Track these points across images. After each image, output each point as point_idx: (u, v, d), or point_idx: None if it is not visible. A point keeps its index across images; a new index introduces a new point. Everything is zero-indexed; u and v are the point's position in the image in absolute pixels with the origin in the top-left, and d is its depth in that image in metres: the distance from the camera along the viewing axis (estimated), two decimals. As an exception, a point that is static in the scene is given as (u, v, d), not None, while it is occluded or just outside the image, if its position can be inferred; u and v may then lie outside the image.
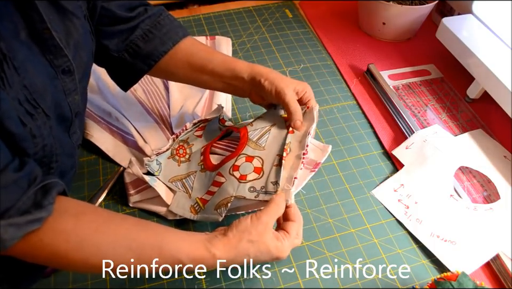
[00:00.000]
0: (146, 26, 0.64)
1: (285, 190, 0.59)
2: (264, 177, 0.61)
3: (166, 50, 0.64)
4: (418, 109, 0.83)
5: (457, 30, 0.82)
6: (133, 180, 0.66)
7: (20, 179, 0.41)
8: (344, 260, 0.62)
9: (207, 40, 0.95)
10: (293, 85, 0.63)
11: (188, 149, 0.70)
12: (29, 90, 0.44)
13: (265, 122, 0.66)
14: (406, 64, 0.93)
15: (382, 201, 0.69)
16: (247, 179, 0.61)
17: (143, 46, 0.64)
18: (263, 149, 0.63)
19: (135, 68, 0.65)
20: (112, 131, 0.75)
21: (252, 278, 0.59)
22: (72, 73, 0.51)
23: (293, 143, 0.64)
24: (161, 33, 0.65)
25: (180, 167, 0.68)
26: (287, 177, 0.60)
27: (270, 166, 0.62)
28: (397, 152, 0.74)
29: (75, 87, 0.53)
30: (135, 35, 0.63)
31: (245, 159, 0.62)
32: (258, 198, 0.60)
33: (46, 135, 0.47)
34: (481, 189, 0.71)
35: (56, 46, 0.47)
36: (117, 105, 0.78)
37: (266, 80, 0.62)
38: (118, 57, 0.64)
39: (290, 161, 0.63)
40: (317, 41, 0.99)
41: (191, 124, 0.71)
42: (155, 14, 0.65)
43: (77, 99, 0.54)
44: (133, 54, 0.64)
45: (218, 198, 0.62)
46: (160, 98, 0.82)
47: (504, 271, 0.60)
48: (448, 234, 0.63)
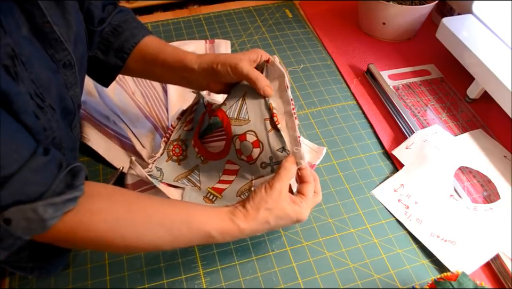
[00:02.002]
0: (115, 21, 0.65)
1: (294, 153, 0.58)
2: (266, 147, 0.59)
3: (137, 41, 0.65)
4: (418, 109, 0.83)
5: (457, 30, 0.82)
6: (135, 182, 0.65)
7: (49, 163, 0.43)
8: (344, 260, 0.62)
9: (207, 44, 0.95)
10: (245, 56, 0.61)
11: (183, 146, 0.69)
12: (35, 84, 0.44)
13: (236, 96, 0.63)
14: (406, 64, 0.93)
15: (382, 201, 0.69)
16: (254, 158, 0.60)
17: (113, 40, 0.64)
18: (249, 120, 0.60)
19: (109, 64, 0.65)
20: (110, 135, 0.75)
21: (252, 277, 0.59)
22: (73, 67, 0.52)
23: (275, 102, 0.61)
24: (130, 27, 0.65)
25: (180, 166, 0.68)
26: (289, 140, 0.59)
27: (265, 134, 0.59)
28: (397, 152, 0.74)
29: (75, 80, 0.53)
30: (106, 31, 0.64)
31: (239, 140, 0.60)
32: (274, 170, 0.59)
33: (55, 128, 0.48)
34: (481, 189, 0.71)
35: (56, 39, 0.48)
36: (115, 109, 0.78)
37: (219, 64, 0.60)
38: (92, 56, 0.64)
39: (283, 121, 0.60)
40: (317, 41, 0.99)
41: (175, 121, 0.69)
42: (123, 12, 0.67)
43: (77, 92, 0.55)
44: (105, 51, 0.64)
45: (238, 185, 0.62)
46: (159, 102, 0.82)
47: (504, 271, 0.60)
48: (448, 234, 0.63)
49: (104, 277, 0.59)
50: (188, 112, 0.70)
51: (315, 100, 0.85)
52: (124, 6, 0.69)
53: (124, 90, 0.82)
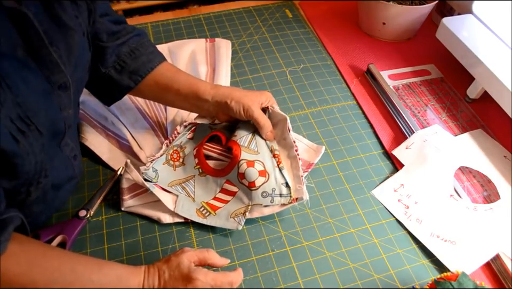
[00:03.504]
0: (133, 44, 0.67)
1: (297, 190, 0.63)
2: (272, 179, 0.63)
3: (153, 67, 0.67)
4: (418, 109, 0.83)
5: (457, 30, 0.82)
6: (130, 185, 0.65)
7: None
8: (344, 260, 0.62)
9: (207, 42, 0.95)
10: (257, 99, 0.67)
11: (181, 152, 0.70)
12: (22, 108, 0.44)
13: (246, 129, 0.68)
14: (406, 64, 0.93)
15: (382, 201, 0.69)
16: (256, 185, 0.62)
17: (130, 63, 0.66)
18: (257, 152, 0.65)
19: (120, 84, 0.67)
20: (108, 136, 0.75)
21: (252, 277, 0.59)
22: (68, 89, 0.52)
23: (276, 144, 0.67)
24: (147, 52, 0.68)
25: (175, 171, 0.68)
26: (293, 178, 0.64)
27: (272, 168, 0.64)
28: (397, 152, 0.74)
29: (70, 101, 0.53)
30: (123, 52, 0.66)
31: (246, 165, 0.63)
32: (274, 202, 0.63)
33: (37, 152, 0.47)
34: (481, 189, 0.71)
35: (53, 61, 0.48)
36: (113, 110, 0.78)
37: (232, 101, 0.65)
38: (104, 74, 0.65)
39: (287, 161, 0.66)
40: (317, 41, 0.99)
41: (181, 127, 0.70)
42: (139, 35, 0.68)
43: (70, 113, 0.54)
44: (120, 70, 0.66)
45: (234, 207, 0.64)
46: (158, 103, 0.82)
47: (504, 271, 0.60)
48: (448, 234, 0.63)
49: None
50: (194, 123, 0.71)
51: (315, 100, 0.85)
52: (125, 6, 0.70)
53: (124, 90, 0.82)
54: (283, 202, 0.63)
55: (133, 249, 0.62)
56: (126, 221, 0.65)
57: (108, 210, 0.66)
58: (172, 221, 0.64)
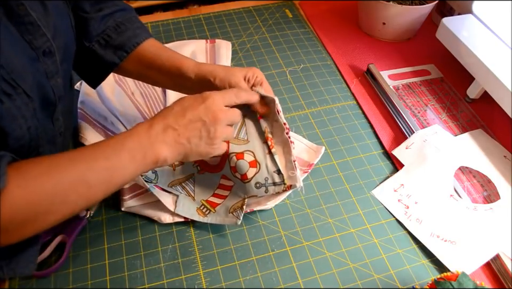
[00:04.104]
0: (119, 18, 0.64)
1: (289, 176, 0.60)
2: (263, 168, 0.61)
3: (139, 42, 0.64)
4: (418, 109, 0.83)
5: (457, 30, 0.82)
6: (130, 186, 0.65)
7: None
8: (344, 260, 0.62)
9: (207, 43, 0.95)
10: (242, 74, 0.61)
11: None
12: (5, 69, 0.43)
13: None
14: (406, 64, 0.93)
15: (382, 201, 0.69)
16: (248, 177, 0.61)
17: (115, 37, 0.63)
18: (247, 141, 0.62)
19: (104, 60, 0.64)
20: (107, 135, 0.74)
21: (252, 277, 0.59)
22: (53, 55, 0.50)
23: (269, 126, 0.63)
24: (133, 27, 0.64)
25: (175, 171, 0.68)
26: (286, 164, 0.61)
27: (263, 156, 0.61)
28: (397, 152, 0.74)
29: (57, 69, 0.52)
30: (108, 25, 0.63)
31: (236, 158, 0.61)
32: (269, 191, 0.61)
33: (28, 116, 0.46)
34: (481, 189, 0.71)
35: (33, 23, 0.46)
36: (113, 109, 0.78)
37: (217, 78, 0.61)
38: (88, 48, 0.63)
39: (279, 146, 0.62)
40: (317, 41, 0.99)
41: None
42: (127, 10, 0.65)
43: (59, 82, 0.53)
44: (104, 45, 0.63)
45: (231, 202, 0.63)
46: (158, 102, 0.82)
47: (504, 271, 0.60)
48: (448, 234, 0.63)
49: (104, 277, 0.59)
50: None
51: (315, 100, 0.85)
52: (128, 4, 0.69)
53: (124, 91, 0.82)
54: (277, 190, 0.61)
55: (133, 249, 0.62)
56: (126, 221, 0.65)
57: (108, 210, 0.66)
58: (172, 221, 0.64)
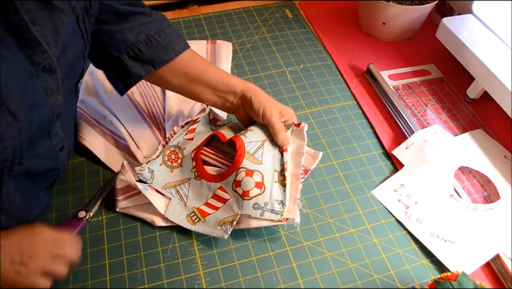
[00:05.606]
0: (151, 32, 0.64)
1: (290, 210, 0.61)
2: (267, 192, 0.61)
3: (168, 60, 0.65)
4: (418, 109, 0.83)
5: (457, 30, 0.82)
6: (124, 186, 0.64)
7: None
8: (344, 260, 0.62)
9: (208, 44, 0.95)
10: (278, 107, 0.66)
11: (180, 154, 0.68)
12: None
13: (258, 136, 0.66)
14: (406, 64, 0.93)
15: (382, 201, 0.69)
16: (250, 195, 0.61)
17: (145, 51, 0.64)
18: (261, 163, 0.63)
19: (131, 72, 0.64)
20: (106, 135, 0.75)
21: (252, 277, 0.59)
22: (54, 72, 0.50)
23: (289, 162, 0.65)
24: (165, 42, 0.65)
25: (172, 173, 0.67)
26: (290, 199, 0.62)
27: (270, 182, 0.62)
28: (397, 152, 0.74)
29: (57, 86, 0.51)
30: (139, 39, 0.63)
31: (245, 173, 0.61)
32: (264, 216, 0.60)
33: (8, 136, 0.45)
34: (481, 189, 0.71)
35: (34, 40, 0.46)
36: (112, 109, 0.78)
37: (256, 99, 0.65)
38: (117, 58, 0.63)
39: (289, 180, 0.63)
40: (317, 41, 0.99)
41: (178, 128, 0.70)
42: (159, 21, 0.65)
43: (59, 99, 0.52)
44: (134, 57, 0.64)
45: (223, 215, 0.62)
46: (157, 102, 0.82)
47: (504, 271, 0.60)
48: (448, 234, 0.63)
49: (104, 277, 0.59)
50: (192, 121, 0.71)
51: (315, 100, 0.85)
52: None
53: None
54: (273, 218, 0.60)
55: (133, 249, 0.62)
56: (126, 221, 0.65)
57: (108, 211, 0.66)
58: (165, 224, 0.64)
